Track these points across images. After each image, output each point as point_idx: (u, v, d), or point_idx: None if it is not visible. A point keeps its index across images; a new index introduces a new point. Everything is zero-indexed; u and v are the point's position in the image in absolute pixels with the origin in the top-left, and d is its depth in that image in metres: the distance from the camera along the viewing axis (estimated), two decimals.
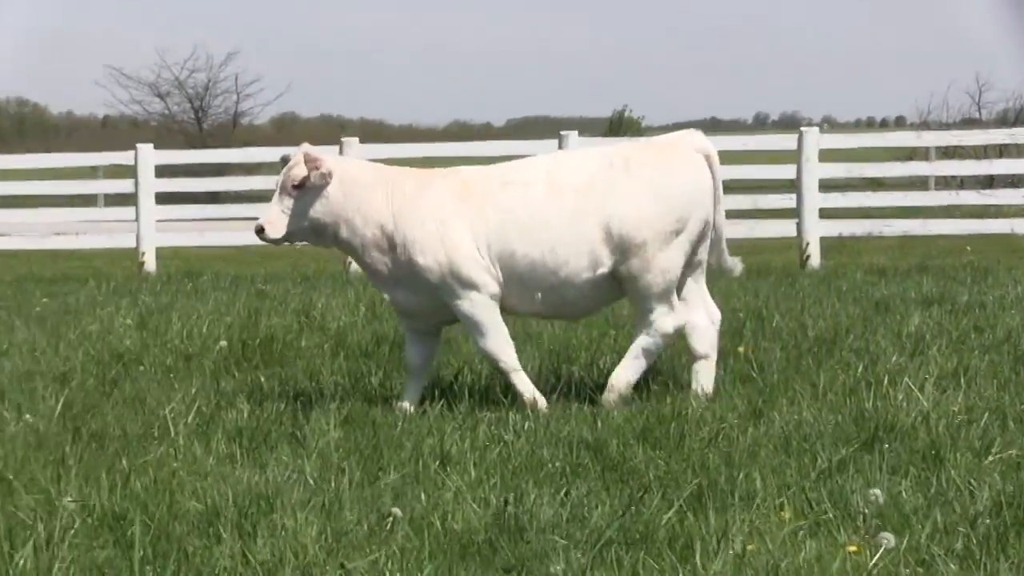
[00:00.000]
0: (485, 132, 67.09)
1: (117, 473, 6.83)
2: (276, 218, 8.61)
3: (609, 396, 8.63)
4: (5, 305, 14.73)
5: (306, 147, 8.65)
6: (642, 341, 8.73)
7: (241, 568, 5.54)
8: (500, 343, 8.67)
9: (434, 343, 8.94)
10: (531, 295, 8.69)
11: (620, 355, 9.07)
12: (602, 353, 10.21)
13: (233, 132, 47.93)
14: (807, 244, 18.70)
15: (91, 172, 26.39)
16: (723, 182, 8.93)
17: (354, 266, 19.67)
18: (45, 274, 19.75)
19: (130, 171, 20.00)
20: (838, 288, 14.40)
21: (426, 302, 8.68)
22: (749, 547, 5.64)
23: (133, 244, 19.88)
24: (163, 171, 21.12)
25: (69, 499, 6.31)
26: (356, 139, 19.88)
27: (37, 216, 21.67)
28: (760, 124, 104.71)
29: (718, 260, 9.16)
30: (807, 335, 10.80)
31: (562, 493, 6.48)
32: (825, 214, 19.15)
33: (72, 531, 5.92)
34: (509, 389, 8.73)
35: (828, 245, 19.19)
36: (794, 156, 18.86)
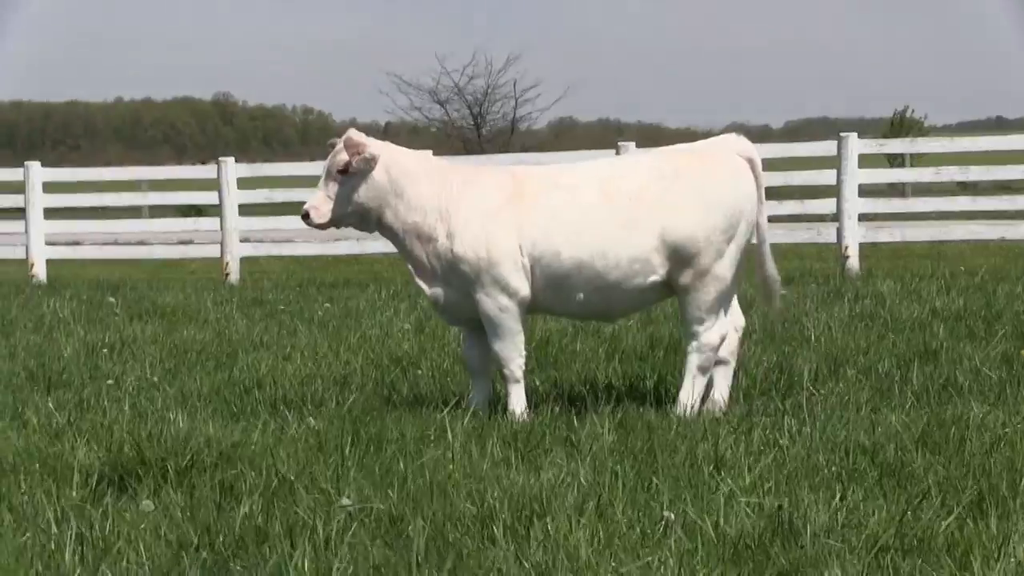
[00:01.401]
0: (763, 135, 66.43)
1: (394, 475, 6.95)
2: (321, 203, 8.70)
3: (684, 416, 8.47)
4: (288, 309, 15.16)
5: (351, 132, 8.70)
6: (694, 360, 8.63)
7: (515, 571, 5.57)
8: (513, 350, 8.67)
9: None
10: (572, 296, 8.64)
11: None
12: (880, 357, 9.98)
13: (511, 137, 48.45)
14: (847, 248, 19.00)
15: None
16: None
17: None
18: (327, 279, 20.26)
19: None
20: None
21: (462, 297, 8.67)
22: None
23: None
24: None
25: (348, 500, 6.43)
26: (632, 143, 19.90)
27: None
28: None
29: (761, 267, 8.97)
30: None
31: (837, 498, 6.35)
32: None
33: (350, 531, 6.04)
34: (779, 392, 8.61)
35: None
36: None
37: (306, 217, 8.70)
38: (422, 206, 8.67)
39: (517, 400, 8.67)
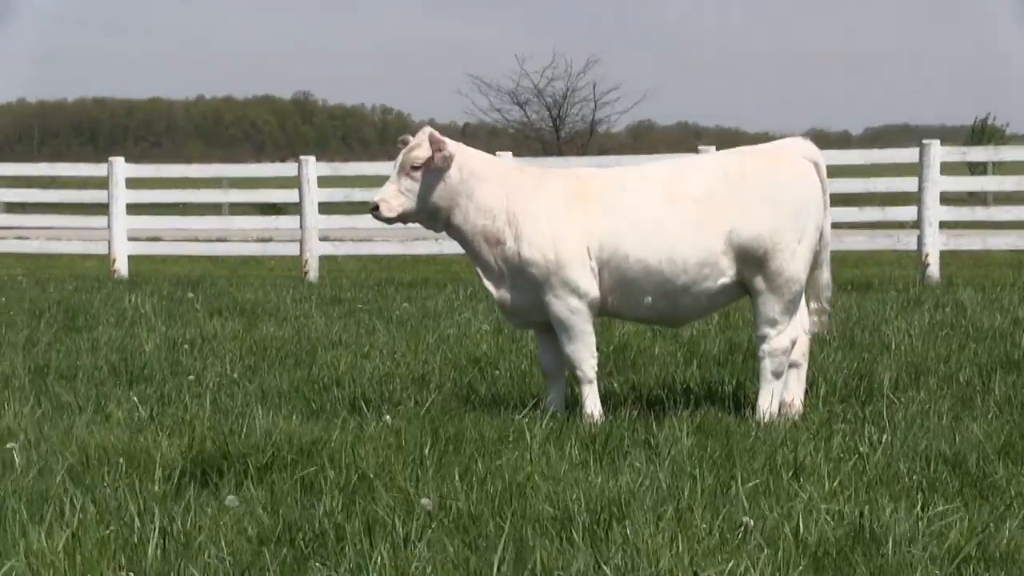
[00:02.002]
0: (842, 141, 65.98)
1: (473, 475, 6.97)
2: (392, 197, 8.67)
3: (763, 422, 8.42)
4: (367, 308, 15.23)
5: (429, 129, 8.68)
6: (767, 365, 8.59)
7: (594, 573, 5.57)
8: (585, 352, 8.64)
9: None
10: (640, 300, 8.62)
11: None
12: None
13: (589, 140, 48.39)
14: (927, 256, 18.89)
15: None
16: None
17: None
18: (404, 278, 20.33)
19: None
20: None
21: (529, 299, 8.66)
22: None
23: None
24: None
25: (426, 499, 6.45)
26: (713, 147, 19.83)
27: None
28: None
29: (818, 273, 8.91)
30: None
31: (918, 507, 6.30)
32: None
33: (429, 530, 6.06)
34: (859, 400, 8.55)
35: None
36: None
37: (375, 209, 8.68)
38: (491, 208, 8.68)
39: (592, 401, 8.66)
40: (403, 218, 8.76)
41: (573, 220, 8.53)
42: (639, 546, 5.77)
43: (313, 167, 21.33)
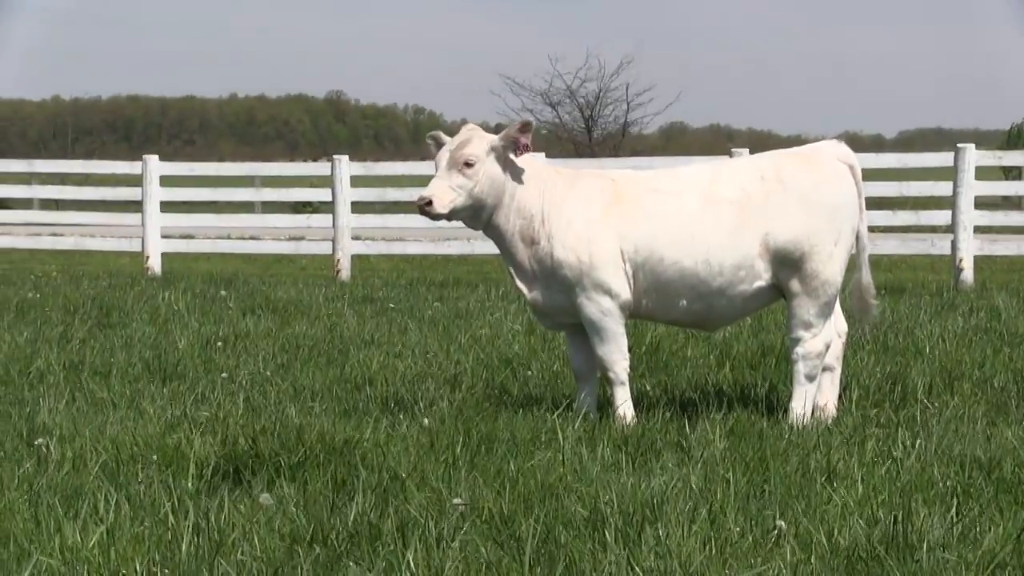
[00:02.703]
0: (876, 144, 65.76)
1: (505, 476, 6.97)
2: (444, 193, 8.55)
3: (796, 425, 8.39)
4: (399, 307, 15.26)
5: (473, 126, 8.66)
6: (801, 368, 8.57)
7: (626, 575, 5.56)
8: (617, 353, 8.62)
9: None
10: (675, 303, 8.61)
11: None
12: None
13: (621, 141, 48.33)
14: (961, 260, 18.78)
15: None
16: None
17: None
18: (436, 278, 20.35)
19: None
20: None
21: (561, 301, 8.64)
22: None
23: None
24: None
25: (459, 499, 6.46)
26: (746, 150, 19.79)
27: (430, 221, 22.23)
28: None
29: (858, 276, 8.89)
30: None
31: (952, 513, 6.28)
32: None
33: (462, 530, 6.06)
34: (892, 404, 8.53)
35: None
36: None
37: (428, 205, 8.55)
38: (528, 208, 8.67)
39: (624, 403, 8.65)
40: (452, 214, 8.67)
41: (607, 222, 8.52)
42: (671, 548, 5.76)
43: (346, 166, 21.38)
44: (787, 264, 8.49)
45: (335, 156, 21.70)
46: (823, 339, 8.56)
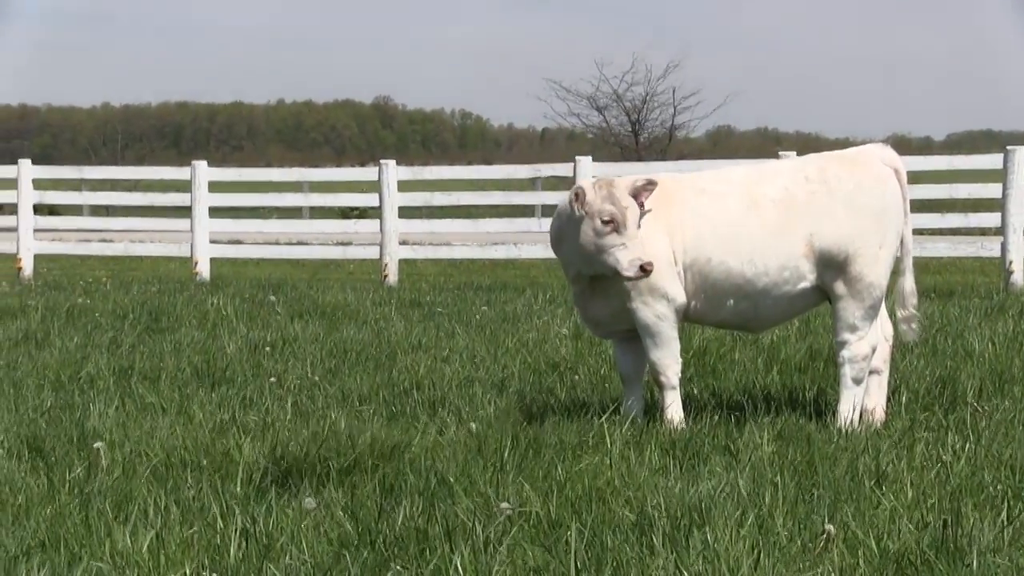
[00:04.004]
0: (924, 147, 65.37)
1: (553, 480, 6.97)
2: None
3: (844, 429, 8.33)
4: (446, 312, 15.27)
5: (590, 183, 8.55)
6: (847, 371, 8.53)
7: None
8: (670, 358, 8.60)
9: (642, 349, 8.75)
10: (723, 303, 8.59)
11: None
12: None
13: (668, 145, 48.24)
14: (1011, 263, 18.60)
15: (529, 184, 27.06)
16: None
17: None
18: (483, 282, 20.36)
19: (568, 184, 20.41)
20: None
21: (616, 308, 8.60)
22: None
23: None
24: None
25: (506, 504, 6.46)
26: (793, 153, 19.73)
27: (476, 226, 22.30)
28: None
29: (902, 280, 8.84)
30: None
31: (1003, 517, 6.24)
32: None
33: (509, 535, 6.06)
34: (942, 407, 8.47)
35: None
36: None
37: (651, 267, 8.28)
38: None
39: (675, 407, 8.63)
40: None
41: (657, 226, 8.51)
42: (719, 552, 5.75)
43: (393, 171, 21.41)
44: (832, 266, 8.47)
45: (382, 161, 21.75)
46: (869, 342, 8.53)
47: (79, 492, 6.94)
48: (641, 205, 8.43)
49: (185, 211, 22.68)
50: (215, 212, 22.71)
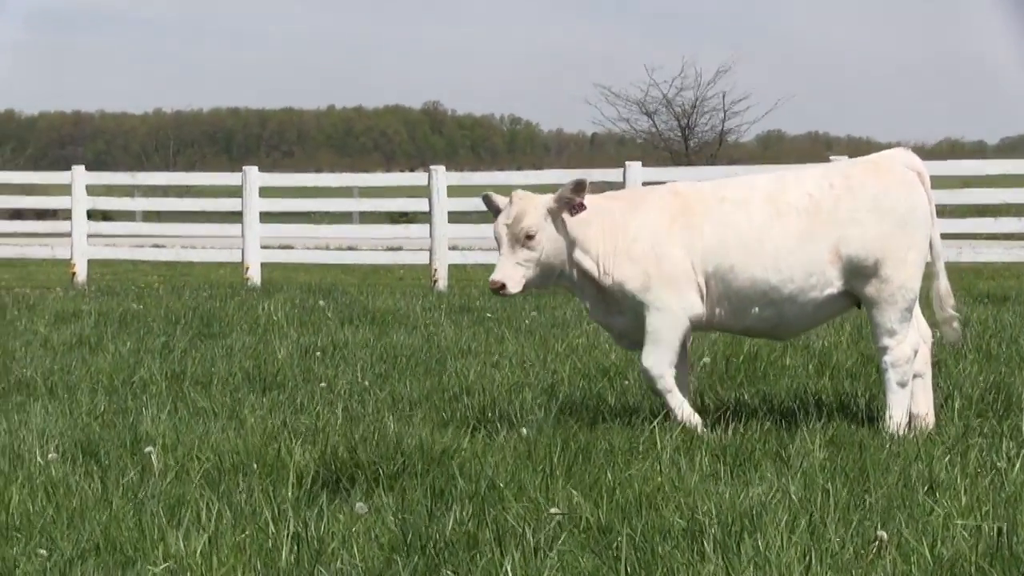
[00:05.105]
0: (977, 151, 64.89)
1: (603, 485, 6.96)
2: (512, 272, 8.54)
3: (896, 434, 8.31)
4: (495, 317, 15.27)
5: (523, 192, 8.62)
6: (892, 376, 8.50)
7: None
8: (667, 365, 8.56)
9: (682, 355, 8.75)
10: (747, 311, 8.59)
11: None
12: None
13: (718, 150, 48.10)
14: None
15: None
16: None
17: None
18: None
19: (617, 188, 20.38)
20: None
21: (637, 319, 8.62)
22: None
23: None
24: None
25: (556, 509, 6.46)
26: (845, 157, 19.67)
27: None
28: None
29: (936, 285, 8.83)
30: None
31: None
32: None
33: (559, 540, 6.06)
34: (996, 414, 8.42)
35: None
36: None
37: (501, 289, 8.53)
38: (593, 246, 8.64)
39: (680, 406, 8.63)
40: (526, 288, 8.70)
41: (674, 236, 8.52)
42: (771, 559, 5.73)
43: (443, 176, 21.47)
44: (861, 272, 8.47)
45: (432, 166, 21.82)
46: (910, 344, 8.52)
47: (133, 496, 6.99)
48: (580, 205, 8.54)
49: (236, 216, 22.80)
50: (266, 217, 22.83)
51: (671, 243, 8.53)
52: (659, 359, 8.59)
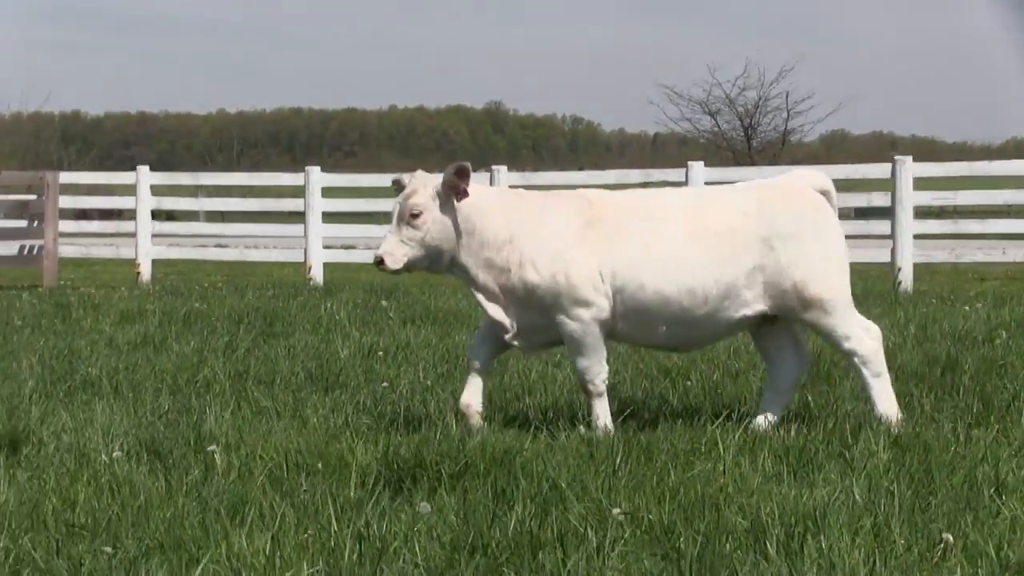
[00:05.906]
0: None
1: (665, 486, 6.94)
2: (395, 248, 8.56)
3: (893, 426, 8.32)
4: None
5: (422, 172, 8.58)
6: (867, 372, 8.58)
7: None
8: (598, 365, 8.57)
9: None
10: (655, 328, 8.56)
11: None
12: None
13: (781, 150, 47.93)
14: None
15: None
16: None
17: (903, 286, 19.30)
18: None
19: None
20: None
21: (537, 321, 8.60)
22: None
23: None
24: None
25: (619, 510, 6.44)
26: (909, 158, 19.57)
27: None
28: None
29: None
30: None
31: None
32: None
33: (622, 541, 6.05)
34: None
35: None
36: None
37: (380, 263, 8.61)
38: (495, 239, 8.62)
39: (602, 414, 8.65)
40: (409, 268, 8.72)
41: (584, 243, 8.49)
42: (835, 561, 5.69)
43: (505, 176, 21.50)
44: (787, 296, 8.52)
45: (493, 166, 21.86)
46: (869, 333, 8.59)
47: (196, 495, 7.03)
48: (464, 191, 8.59)
49: (299, 216, 22.92)
50: (328, 217, 22.91)
51: (579, 251, 8.48)
52: (591, 361, 8.59)
